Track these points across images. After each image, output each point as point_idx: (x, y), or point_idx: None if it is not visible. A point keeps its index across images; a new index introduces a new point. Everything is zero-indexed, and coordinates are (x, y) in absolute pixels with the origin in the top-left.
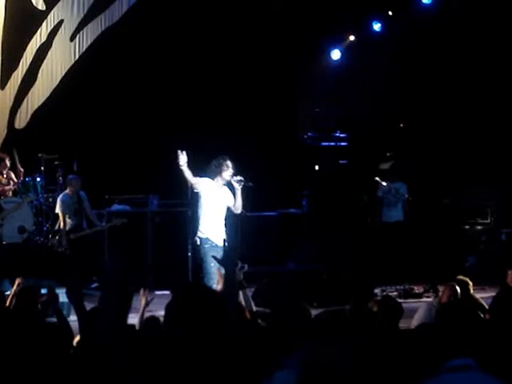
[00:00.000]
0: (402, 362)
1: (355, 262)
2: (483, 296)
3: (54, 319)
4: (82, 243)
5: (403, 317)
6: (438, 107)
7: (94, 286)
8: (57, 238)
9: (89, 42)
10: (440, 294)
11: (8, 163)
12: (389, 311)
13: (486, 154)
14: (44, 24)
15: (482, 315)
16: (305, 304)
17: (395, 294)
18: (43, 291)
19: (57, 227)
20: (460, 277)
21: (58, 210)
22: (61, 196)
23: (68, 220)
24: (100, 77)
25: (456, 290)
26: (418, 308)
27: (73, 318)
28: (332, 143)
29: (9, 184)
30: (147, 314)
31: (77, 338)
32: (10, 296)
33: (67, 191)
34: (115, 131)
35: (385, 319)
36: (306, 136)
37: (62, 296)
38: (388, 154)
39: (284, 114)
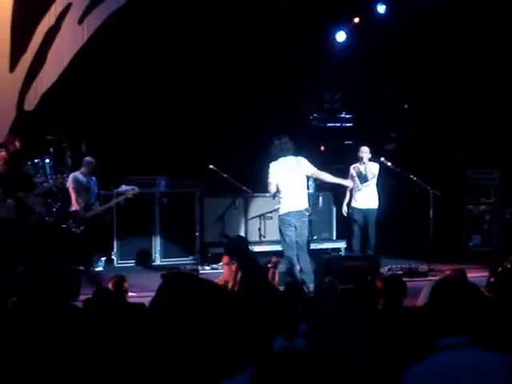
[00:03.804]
0: (406, 340)
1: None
2: (486, 275)
3: None
4: (94, 222)
5: (408, 296)
6: (442, 88)
7: (101, 264)
8: (72, 219)
9: (97, 25)
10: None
11: (18, 145)
12: (393, 290)
13: (489, 133)
14: (52, 7)
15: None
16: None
17: (400, 272)
18: None
19: (72, 208)
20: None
21: (69, 184)
22: (74, 173)
23: (78, 198)
24: (108, 59)
25: (465, 274)
26: (423, 287)
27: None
28: (337, 124)
29: None
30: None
31: None
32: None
33: (82, 170)
34: (123, 113)
35: (389, 298)
36: (311, 117)
37: None
38: (392, 135)
39: (289, 96)
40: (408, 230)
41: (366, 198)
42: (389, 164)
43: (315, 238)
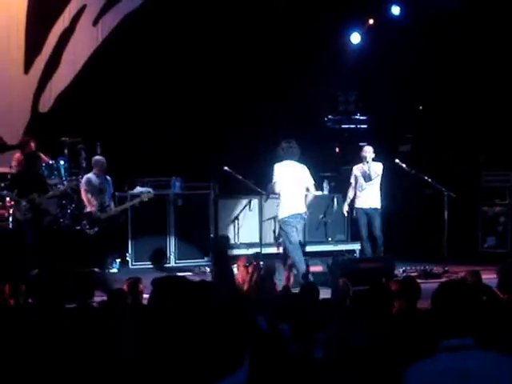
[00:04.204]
0: (420, 341)
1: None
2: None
3: None
4: (109, 223)
5: (423, 297)
6: (457, 89)
7: (116, 266)
8: (85, 221)
9: (112, 27)
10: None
11: (33, 146)
12: (408, 291)
13: (504, 135)
14: (67, 9)
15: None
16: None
17: (415, 274)
18: None
19: (86, 210)
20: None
21: (81, 187)
22: (88, 175)
23: (92, 199)
24: (122, 60)
25: (480, 276)
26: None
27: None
28: (352, 126)
29: None
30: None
31: None
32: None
33: (94, 171)
34: (138, 114)
35: (404, 300)
36: (326, 119)
37: None
38: (407, 136)
39: (304, 98)
40: (422, 232)
41: (370, 197)
42: (403, 166)
43: (330, 239)
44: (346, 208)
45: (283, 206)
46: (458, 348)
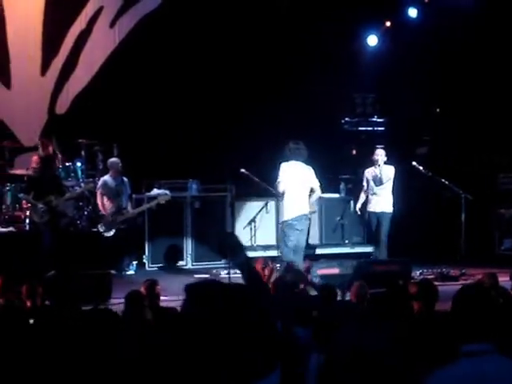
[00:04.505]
0: (438, 344)
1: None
2: None
3: None
4: (126, 225)
5: (440, 300)
6: (473, 91)
7: (133, 268)
8: (101, 223)
9: (129, 28)
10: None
11: (51, 148)
12: (425, 294)
13: None
14: (84, 11)
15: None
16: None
17: (432, 276)
18: None
19: (101, 213)
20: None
21: (97, 190)
22: (104, 177)
23: (107, 202)
24: (139, 62)
25: (497, 278)
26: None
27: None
28: (369, 128)
29: None
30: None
31: None
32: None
33: (110, 173)
34: (154, 116)
35: (423, 302)
36: (343, 121)
37: None
38: (425, 139)
39: (322, 100)
40: (439, 234)
41: (381, 201)
42: (420, 168)
43: (346, 242)
44: (358, 207)
45: (287, 207)
46: (476, 353)
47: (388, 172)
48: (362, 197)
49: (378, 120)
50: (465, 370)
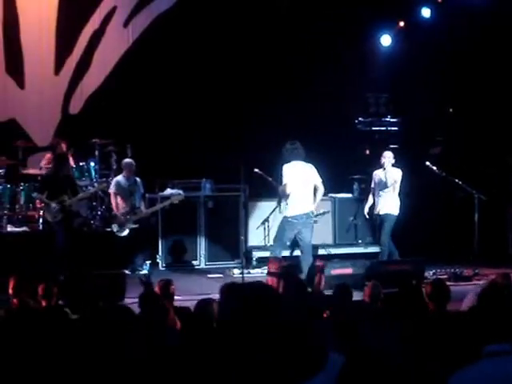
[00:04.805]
0: (452, 345)
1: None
2: None
3: None
4: (139, 225)
5: (452, 300)
6: (487, 91)
7: (146, 267)
8: (114, 223)
9: (143, 28)
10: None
11: (64, 148)
12: (437, 294)
13: None
14: (98, 10)
15: None
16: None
17: (445, 276)
18: None
19: (114, 212)
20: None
21: (110, 190)
22: (117, 178)
23: (120, 202)
24: (153, 62)
25: (510, 279)
26: (468, 291)
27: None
28: (382, 128)
29: None
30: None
31: None
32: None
33: (123, 174)
34: (169, 116)
35: (436, 302)
36: (356, 121)
37: None
38: (438, 139)
39: (335, 100)
40: (452, 234)
41: (385, 204)
42: (434, 168)
43: (359, 242)
44: (366, 210)
45: (290, 204)
46: (498, 353)
47: (394, 175)
48: (370, 199)
49: (392, 120)
50: (487, 370)
